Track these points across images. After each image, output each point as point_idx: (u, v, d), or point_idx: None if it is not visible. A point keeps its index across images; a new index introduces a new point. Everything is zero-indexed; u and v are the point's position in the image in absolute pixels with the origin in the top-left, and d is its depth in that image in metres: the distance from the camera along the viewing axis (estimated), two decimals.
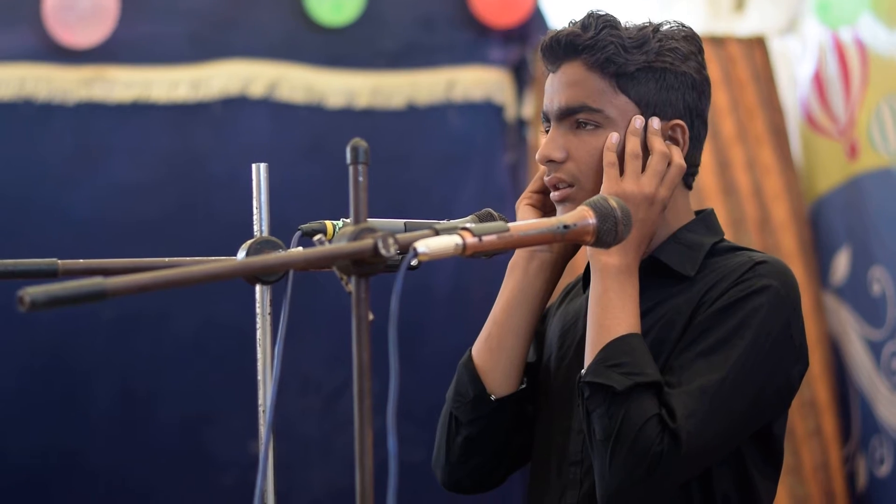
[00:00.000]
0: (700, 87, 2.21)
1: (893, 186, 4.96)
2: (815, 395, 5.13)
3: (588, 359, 2.08)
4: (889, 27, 4.99)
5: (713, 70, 5.24)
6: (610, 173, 2.13)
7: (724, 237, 2.25)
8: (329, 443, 5.05)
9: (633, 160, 2.13)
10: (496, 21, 5.23)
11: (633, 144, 2.14)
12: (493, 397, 2.23)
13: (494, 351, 2.24)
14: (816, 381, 5.14)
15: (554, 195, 2.19)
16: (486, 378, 2.24)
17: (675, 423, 1.98)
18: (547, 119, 2.22)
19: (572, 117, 2.17)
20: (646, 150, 2.15)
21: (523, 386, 2.26)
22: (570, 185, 2.17)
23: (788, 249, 5.23)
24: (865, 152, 5.11)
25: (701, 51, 2.24)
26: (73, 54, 5.07)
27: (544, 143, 2.19)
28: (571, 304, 2.33)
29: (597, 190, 2.13)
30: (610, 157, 2.13)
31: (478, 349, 2.26)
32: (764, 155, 5.29)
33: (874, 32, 5.07)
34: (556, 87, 2.20)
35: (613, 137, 2.14)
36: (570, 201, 2.15)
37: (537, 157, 2.20)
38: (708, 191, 5.15)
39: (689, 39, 2.21)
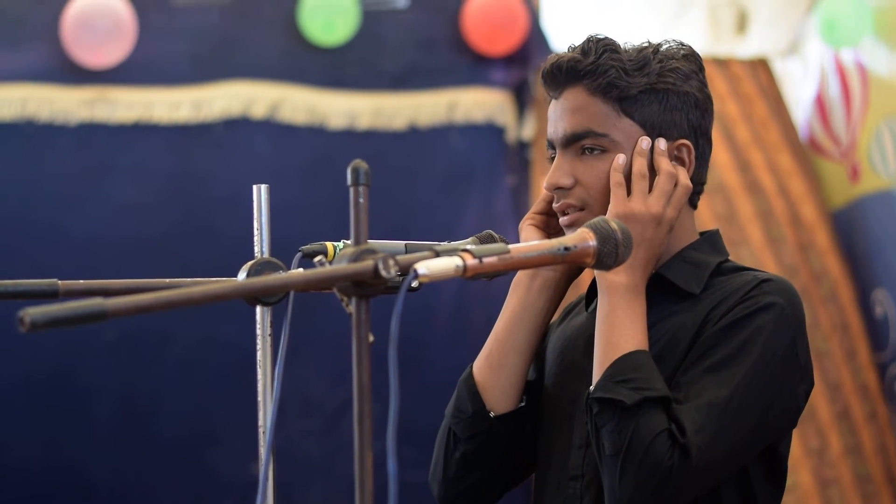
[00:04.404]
0: (703, 106, 2.21)
1: (894, 208, 4.97)
2: (867, 382, 5.12)
3: (596, 375, 2.08)
4: (891, 49, 5.00)
5: (720, 85, 5.24)
6: (617, 193, 2.13)
7: (730, 258, 2.26)
8: (330, 464, 5.04)
9: (640, 180, 2.13)
10: (489, 48, 5.24)
11: (640, 165, 2.14)
12: (492, 414, 2.23)
13: (495, 368, 2.24)
14: (866, 370, 5.13)
15: (563, 220, 2.20)
16: (486, 395, 2.24)
17: (684, 437, 1.98)
18: (552, 146, 2.22)
19: (578, 143, 2.18)
20: (652, 171, 2.16)
21: (522, 404, 2.26)
22: (580, 210, 2.17)
23: (822, 246, 5.22)
24: (867, 174, 5.11)
25: (702, 69, 2.24)
26: (76, 74, 5.07)
27: (551, 170, 2.20)
28: (572, 322, 2.33)
29: (605, 212, 2.13)
30: (617, 178, 2.14)
31: (479, 366, 2.26)
32: (783, 160, 5.28)
33: (875, 54, 5.08)
34: (559, 114, 2.20)
35: (620, 158, 2.15)
36: (580, 225, 2.15)
37: (545, 185, 2.20)
38: (733, 188, 5.13)
39: (689, 58, 2.22)
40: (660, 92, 2.17)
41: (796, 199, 5.25)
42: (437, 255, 1.65)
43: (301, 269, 1.96)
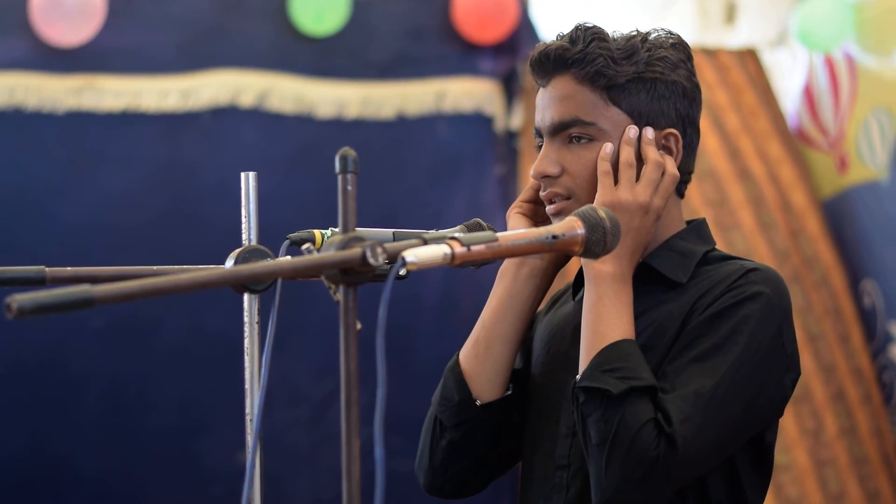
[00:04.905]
0: (691, 95, 2.21)
1: (881, 199, 4.98)
2: (861, 366, 5.14)
3: (583, 365, 2.08)
4: (876, 55, 5.01)
5: (708, 74, 5.25)
6: (604, 182, 2.13)
7: (716, 246, 2.26)
8: (316, 453, 5.05)
9: (627, 169, 2.13)
10: (479, 36, 5.24)
11: (627, 154, 2.14)
12: (478, 402, 2.23)
13: (481, 356, 2.24)
14: (860, 354, 5.15)
15: (550, 209, 2.19)
16: (472, 383, 2.24)
17: (670, 427, 1.98)
18: (539, 134, 2.22)
19: (565, 132, 2.17)
20: (639, 160, 2.15)
21: (509, 392, 2.26)
22: (567, 198, 2.17)
23: (813, 233, 5.23)
24: (855, 165, 5.12)
25: (690, 58, 2.23)
26: (63, 62, 5.06)
27: (538, 158, 2.19)
28: (559, 311, 2.33)
29: (593, 201, 2.13)
30: (604, 167, 2.13)
31: (465, 354, 2.26)
32: (773, 148, 5.29)
33: (861, 55, 5.09)
34: (547, 102, 2.19)
35: (607, 147, 2.14)
36: (567, 214, 2.15)
37: (532, 173, 2.20)
38: (723, 174, 5.14)
39: (677, 47, 2.21)
40: (648, 81, 2.17)
41: (786, 186, 5.26)
42: (426, 242, 1.65)
43: (289, 257, 1.96)
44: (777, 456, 4.08)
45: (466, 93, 5.24)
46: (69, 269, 2.10)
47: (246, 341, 2.10)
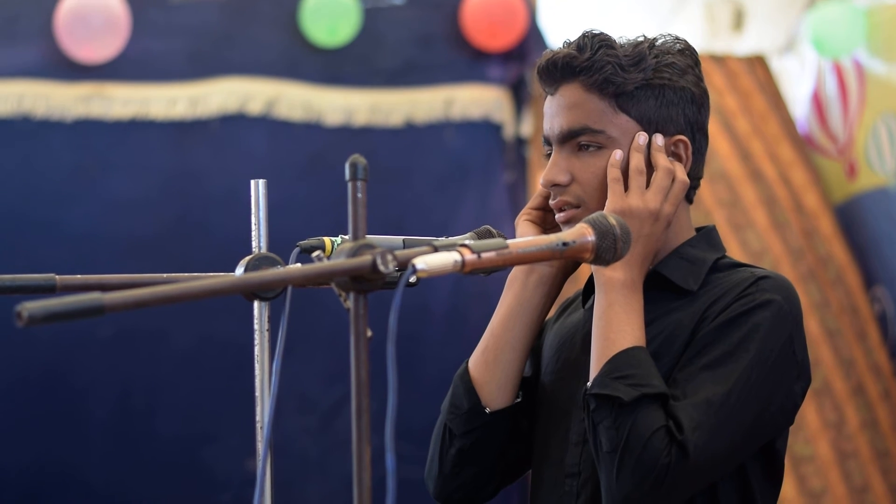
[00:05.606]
0: (699, 101, 2.21)
1: (891, 206, 4.97)
2: (879, 362, 5.13)
3: (594, 372, 2.07)
4: (886, 61, 5.00)
5: (717, 80, 5.24)
6: (615, 189, 2.12)
7: (726, 254, 2.25)
8: (326, 460, 5.04)
9: (637, 176, 2.13)
10: (487, 44, 5.24)
11: (637, 161, 2.14)
12: (487, 410, 2.23)
13: (491, 364, 2.24)
14: (877, 351, 5.15)
15: (559, 217, 2.19)
16: (482, 390, 2.24)
17: (682, 434, 1.98)
18: (548, 142, 2.21)
19: (574, 140, 2.17)
20: (649, 167, 2.15)
21: (518, 400, 2.25)
22: (576, 207, 2.17)
23: (827, 233, 5.23)
24: (864, 172, 5.11)
25: (697, 63, 2.23)
26: (72, 70, 5.07)
27: (548, 167, 2.19)
28: (569, 318, 2.33)
29: (602, 209, 2.12)
30: (614, 174, 2.13)
31: (474, 361, 2.26)
32: (784, 152, 5.28)
33: (871, 61, 5.08)
34: (555, 110, 2.19)
35: (617, 154, 2.14)
36: (577, 222, 2.15)
37: (542, 181, 2.19)
38: (735, 176, 5.13)
39: (684, 53, 2.21)
40: (656, 87, 2.16)
41: (798, 188, 5.25)
42: (436, 249, 1.65)
43: (299, 265, 1.96)
44: (799, 447, 4.06)
45: (475, 100, 5.24)
46: (79, 276, 2.09)
47: (256, 349, 2.10)
